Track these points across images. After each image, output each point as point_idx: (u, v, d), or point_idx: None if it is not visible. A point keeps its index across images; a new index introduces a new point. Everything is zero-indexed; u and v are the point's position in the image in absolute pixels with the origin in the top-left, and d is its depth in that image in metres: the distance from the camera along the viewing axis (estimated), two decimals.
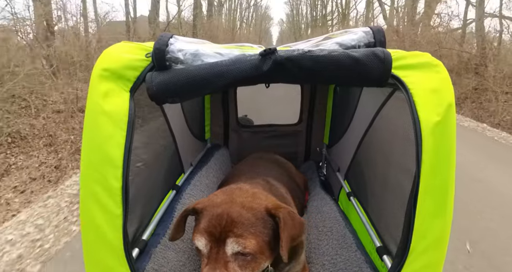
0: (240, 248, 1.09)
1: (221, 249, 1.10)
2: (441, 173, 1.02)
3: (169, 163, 1.97)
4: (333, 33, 1.22)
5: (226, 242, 1.10)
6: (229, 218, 1.13)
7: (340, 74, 1.08)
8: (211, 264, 1.09)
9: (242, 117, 3.17)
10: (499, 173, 4.51)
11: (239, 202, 1.20)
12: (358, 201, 1.96)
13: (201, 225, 1.15)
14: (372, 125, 1.78)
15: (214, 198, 1.26)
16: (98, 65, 1.09)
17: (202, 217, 1.18)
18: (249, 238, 1.11)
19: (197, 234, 1.15)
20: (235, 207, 1.17)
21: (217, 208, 1.18)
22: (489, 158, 5.22)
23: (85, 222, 1.06)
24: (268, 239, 1.15)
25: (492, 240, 2.94)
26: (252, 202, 1.21)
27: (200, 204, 1.25)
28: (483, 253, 2.74)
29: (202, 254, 1.15)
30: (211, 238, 1.12)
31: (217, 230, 1.12)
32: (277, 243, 1.16)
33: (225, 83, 1.08)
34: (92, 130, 1.06)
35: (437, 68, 1.11)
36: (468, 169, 4.45)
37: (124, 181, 1.04)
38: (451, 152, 1.04)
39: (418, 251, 1.03)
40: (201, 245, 1.13)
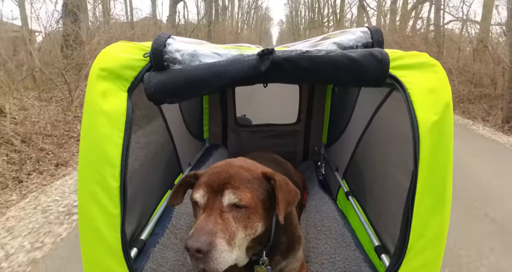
0: (236, 200, 1.13)
1: (218, 200, 1.14)
2: (438, 171, 1.03)
3: (167, 163, 1.97)
4: (331, 33, 1.22)
5: (224, 193, 1.14)
6: (228, 174, 1.19)
7: (337, 75, 1.08)
8: (207, 212, 1.12)
9: (240, 117, 3.17)
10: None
11: (237, 165, 1.26)
12: (356, 200, 1.97)
13: (200, 181, 1.21)
14: (370, 124, 1.79)
15: (215, 164, 1.33)
16: (96, 65, 1.09)
17: (202, 177, 1.24)
18: (245, 191, 1.16)
19: (196, 188, 1.19)
20: (234, 168, 1.23)
21: (217, 168, 1.24)
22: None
23: (83, 221, 1.06)
24: (263, 198, 1.20)
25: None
26: (250, 166, 1.29)
27: (199, 171, 1.31)
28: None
29: (199, 207, 1.17)
30: (209, 190, 1.16)
31: (216, 183, 1.16)
32: (272, 208, 1.24)
33: (223, 83, 1.08)
34: (90, 130, 1.06)
35: (434, 68, 1.12)
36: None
37: (122, 180, 1.04)
38: (449, 150, 1.04)
39: (416, 249, 1.04)
40: (199, 197, 1.16)
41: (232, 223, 1.11)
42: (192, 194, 1.20)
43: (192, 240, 1.01)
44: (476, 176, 4.05)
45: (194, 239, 1.01)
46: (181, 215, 1.79)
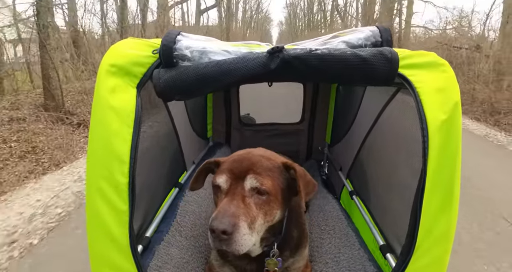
0: (258, 184, 1.18)
1: (240, 185, 1.18)
2: (447, 170, 1.03)
3: (172, 160, 1.97)
4: (341, 32, 1.22)
5: (246, 178, 1.19)
6: (250, 161, 1.24)
7: (347, 73, 1.08)
8: (229, 196, 1.16)
9: (244, 116, 3.17)
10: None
11: (258, 154, 1.31)
12: (360, 199, 1.97)
13: (222, 167, 1.26)
14: (376, 124, 1.79)
15: (236, 153, 1.38)
16: (105, 61, 1.09)
17: (224, 163, 1.28)
18: (266, 178, 1.20)
19: (218, 174, 1.23)
20: (255, 156, 1.28)
21: (239, 156, 1.30)
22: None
23: (91, 217, 1.06)
24: (282, 187, 1.25)
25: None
26: (270, 156, 1.34)
27: (221, 158, 1.36)
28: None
29: (221, 191, 1.21)
30: (232, 176, 1.20)
31: (238, 170, 1.21)
32: (288, 199, 1.30)
33: (232, 81, 1.08)
34: (99, 125, 1.05)
35: (443, 67, 1.12)
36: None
37: (130, 177, 1.04)
38: (457, 149, 1.05)
39: (424, 248, 1.04)
40: (222, 181, 1.20)
41: (253, 208, 1.16)
42: (214, 179, 1.24)
43: (216, 221, 1.06)
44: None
45: (218, 221, 1.06)
46: (185, 213, 1.79)
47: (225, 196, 1.18)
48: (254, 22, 51.85)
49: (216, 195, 1.24)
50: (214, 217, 1.08)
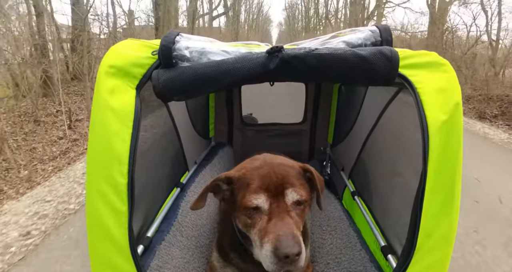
0: (298, 197, 1.17)
1: (281, 201, 1.16)
2: (448, 171, 1.02)
3: (174, 160, 1.97)
4: (341, 31, 1.21)
5: (285, 193, 1.17)
6: (279, 174, 1.20)
7: (346, 73, 1.08)
8: (276, 215, 1.12)
9: (246, 116, 3.17)
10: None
11: (277, 163, 1.27)
12: (362, 200, 1.96)
13: (253, 185, 1.18)
14: (377, 124, 1.78)
15: (248, 165, 1.30)
16: (104, 62, 1.09)
17: (247, 181, 1.20)
18: (301, 188, 1.20)
19: (253, 194, 1.16)
20: (278, 166, 1.24)
21: (261, 170, 1.23)
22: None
23: (90, 218, 1.06)
24: (308, 191, 1.26)
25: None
26: (287, 162, 1.31)
27: (233, 173, 1.27)
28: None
29: (260, 212, 1.16)
30: (269, 194, 1.16)
31: (273, 186, 1.17)
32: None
33: (232, 81, 1.07)
34: (98, 126, 1.06)
35: (444, 67, 1.11)
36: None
37: (130, 177, 1.04)
38: (458, 150, 1.03)
39: (424, 250, 1.03)
40: (262, 202, 1.15)
41: (297, 220, 1.16)
42: (248, 200, 1.16)
43: (289, 247, 1.03)
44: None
45: (290, 246, 1.02)
46: (186, 213, 1.79)
47: (268, 216, 1.14)
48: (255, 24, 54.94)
49: (251, 216, 1.17)
50: (279, 243, 1.03)
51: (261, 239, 1.10)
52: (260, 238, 1.11)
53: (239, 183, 1.23)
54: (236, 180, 1.25)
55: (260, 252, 1.11)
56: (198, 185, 2.07)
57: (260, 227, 1.13)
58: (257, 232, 1.14)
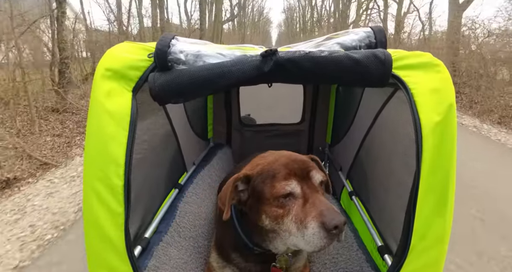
0: (322, 177, 1.23)
1: (309, 184, 1.20)
2: (441, 172, 1.02)
3: (172, 161, 1.98)
4: (334, 33, 1.22)
5: (310, 175, 1.21)
6: (299, 161, 1.25)
7: (340, 75, 1.08)
8: (311, 196, 1.15)
9: (244, 116, 3.18)
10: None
11: (288, 154, 1.32)
12: (359, 200, 1.97)
13: (280, 174, 1.20)
14: (374, 124, 1.78)
15: (262, 161, 1.31)
16: (101, 65, 1.10)
17: (272, 173, 1.21)
18: (319, 170, 1.26)
19: (283, 181, 1.18)
20: (293, 156, 1.29)
21: (279, 161, 1.25)
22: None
23: (87, 219, 1.07)
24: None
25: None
26: (294, 153, 1.35)
27: (250, 172, 1.28)
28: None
29: (294, 197, 1.17)
30: (298, 179, 1.19)
31: (298, 171, 1.20)
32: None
33: (227, 84, 1.08)
34: (95, 129, 1.07)
35: (438, 68, 1.11)
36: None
37: (126, 179, 1.05)
38: (452, 151, 1.04)
39: (418, 250, 1.04)
40: (294, 186, 1.17)
41: (326, 197, 1.21)
42: (281, 188, 1.16)
43: (336, 217, 1.06)
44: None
45: (337, 216, 1.06)
46: (185, 214, 1.80)
47: (302, 199, 1.16)
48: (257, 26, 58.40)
49: (283, 205, 1.16)
50: (325, 217, 1.06)
51: (301, 222, 1.11)
52: (299, 221, 1.12)
53: (262, 177, 1.23)
54: (256, 176, 1.25)
55: (302, 235, 1.11)
56: (196, 186, 2.08)
57: (296, 212, 1.14)
58: (293, 218, 1.14)
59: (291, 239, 1.17)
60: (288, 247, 1.27)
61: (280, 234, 1.21)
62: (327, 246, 1.09)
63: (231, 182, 1.25)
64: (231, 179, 1.26)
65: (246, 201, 1.28)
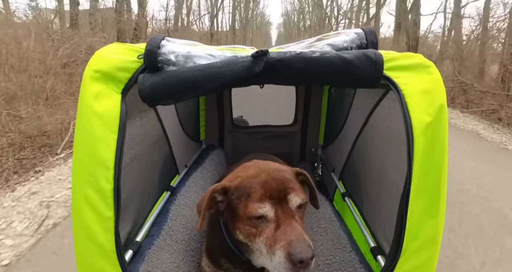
0: (300, 201, 1.18)
1: (285, 207, 1.15)
2: (432, 173, 1.02)
3: (163, 164, 1.96)
4: (325, 34, 1.22)
5: (288, 198, 1.16)
6: (278, 180, 1.19)
7: (331, 76, 1.08)
8: (284, 220, 1.11)
9: (237, 118, 3.17)
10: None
11: (272, 169, 1.26)
12: (352, 201, 1.97)
13: (255, 194, 1.15)
14: (366, 125, 1.79)
15: (242, 174, 1.26)
16: (89, 66, 1.08)
17: (248, 191, 1.17)
18: (300, 191, 1.21)
19: (256, 203, 1.14)
20: (275, 172, 1.23)
21: (259, 177, 1.20)
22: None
23: (76, 224, 1.05)
24: (305, 193, 1.26)
25: None
26: (281, 167, 1.30)
27: (228, 183, 1.24)
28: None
29: (267, 220, 1.13)
30: (273, 201, 1.14)
31: (275, 193, 1.15)
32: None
33: (217, 85, 1.07)
34: (83, 131, 1.05)
35: (429, 69, 1.11)
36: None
37: (115, 183, 1.03)
38: (443, 152, 1.04)
39: (410, 251, 1.03)
40: (267, 210, 1.13)
41: (301, 223, 1.16)
42: (253, 210, 1.13)
43: (303, 252, 1.02)
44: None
45: (304, 250, 1.02)
46: (177, 217, 1.78)
47: (275, 223, 1.12)
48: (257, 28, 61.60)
49: (255, 225, 1.14)
50: (293, 248, 1.02)
51: (271, 247, 1.08)
52: (269, 246, 1.09)
53: (238, 193, 1.19)
54: (233, 190, 1.21)
55: (270, 260, 1.09)
56: (188, 189, 2.06)
57: (267, 235, 1.11)
58: (264, 240, 1.11)
59: (261, 258, 1.15)
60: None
61: (254, 251, 1.20)
62: None
63: (209, 192, 1.22)
64: (210, 189, 1.24)
65: (223, 212, 1.26)
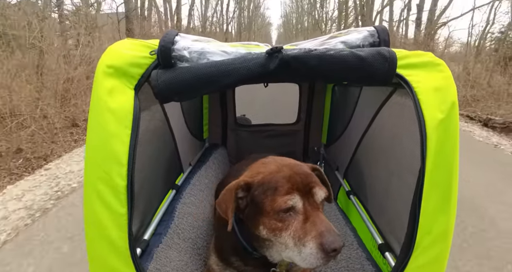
0: (324, 194, 1.20)
1: (310, 200, 1.16)
2: (445, 169, 1.04)
3: (169, 162, 1.96)
4: (337, 32, 1.22)
5: (313, 192, 1.17)
6: (302, 175, 1.20)
7: (345, 73, 1.08)
8: (312, 214, 1.13)
9: (240, 117, 3.16)
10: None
11: (292, 164, 1.27)
12: (358, 199, 1.98)
13: (283, 187, 1.15)
14: (372, 123, 1.80)
15: (263, 169, 1.25)
16: (102, 62, 1.08)
17: (274, 185, 1.17)
18: (322, 185, 1.22)
19: (285, 195, 1.14)
20: (296, 167, 1.24)
21: (282, 172, 1.20)
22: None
23: (89, 220, 1.04)
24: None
25: None
26: (298, 162, 1.31)
27: (251, 179, 1.22)
28: None
29: (295, 211, 1.14)
30: (301, 194, 1.15)
31: (301, 186, 1.16)
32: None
33: (231, 81, 1.07)
34: (96, 127, 1.04)
35: (440, 67, 1.13)
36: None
37: (129, 179, 1.03)
38: (454, 149, 1.05)
39: (423, 247, 1.04)
40: (296, 201, 1.14)
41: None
42: (282, 202, 1.12)
43: (337, 241, 1.03)
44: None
45: (337, 239, 1.04)
46: (183, 215, 1.78)
47: (303, 215, 1.12)
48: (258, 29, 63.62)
49: (283, 219, 1.13)
50: (325, 238, 1.04)
51: (300, 239, 1.09)
52: (297, 238, 1.09)
53: (263, 188, 1.17)
54: (257, 185, 1.19)
55: (298, 252, 1.09)
56: (193, 187, 2.06)
57: (295, 228, 1.11)
58: (292, 233, 1.11)
59: (286, 252, 1.15)
60: (283, 258, 1.24)
61: (276, 245, 1.18)
62: (322, 266, 1.07)
63: (232, 189, 1.19)
64: (231, 186, 1.21)
65: (244, 209, 1.24)
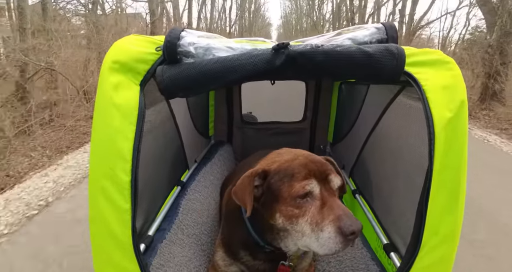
0: (340, 182, 1.21)
1: (327, 186, 1.17)
2: (453, 169, 1.02)
3: (174, 159, 1.96)
4: (345, 29, 1.20)
5: (329, 179, 1.18)
6: (317, 163, 1.22)
7: (353, 70, 1.07)
8: (328, 199, 1.13)
9: (246, 114, 3.15)
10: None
11: (306, 153, 1.29)
12: (363, 198, 1.96)
13: (300, 174, 1.16)
14: (379, 122, 1.77)
15: (279, 158, 1.28)
16: (108, 57, 1.08)
17: (291, 172, 1.18)
18: (337, 174, 1.23)
19: (303, 181, 1.15)
20: (311, 156, 1.26)
21: (298, 160, 1.22)
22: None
23: (93, 215, 1.05)
24: None
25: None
26: (310, 153, 1.32)
27: (268, 167, 1.24)
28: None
29: (312, 196, 1.14)
30: (318, 180, 1.16)
31: (318, 173, 1.18)
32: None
33: (237, 77, 1.06)
34: (101, 122, 1.04)
35: (449, 65, 1.10)
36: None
37: (133, 175, 1.03)
38: (463, 148, 1.03)
39: (429, 247, 1.03)
40: (314, 186, 1.15)
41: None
42: (300, 187, 1.13)
43: (355, 224, 1.04)
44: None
45: (355, 222, 1.05)
46: (187, 211, 1.78)
47: (320, 201, 1.13)
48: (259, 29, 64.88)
49: (299, 205, 1.13)
50: (343, 222, 1.04)
51: (317, 224, 1.09)
52: (315, 224, 1.10)
53: (279, 175, 1.19)
54: (273, 173, 1.20)
55: (316, 238, 1.09)
56: (198, 184, 2.06)
57: (312, 213, 1.11)
58: (309, 219, 1.11)
59: (303, 240, 1.14)
60: (298, 248, 1.24)
61: (292, 234, 1.18)
62: (340, 251, 1.07)
63: (249, 177, 1.20)
64: (248, 173, 1.21)
65: (260, 197, 1.23)
